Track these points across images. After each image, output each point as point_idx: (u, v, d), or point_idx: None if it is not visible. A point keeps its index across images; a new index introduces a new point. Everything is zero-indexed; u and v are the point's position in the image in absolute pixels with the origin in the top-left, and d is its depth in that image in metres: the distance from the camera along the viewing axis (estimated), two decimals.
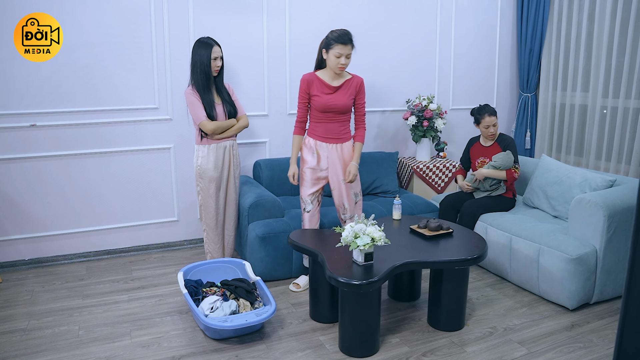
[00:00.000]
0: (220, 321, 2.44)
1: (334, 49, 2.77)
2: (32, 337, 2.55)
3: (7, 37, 3.12)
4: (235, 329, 2.48)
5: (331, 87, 2.89)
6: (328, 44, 2.79)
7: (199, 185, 3.14)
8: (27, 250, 3.44)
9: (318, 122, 2.95)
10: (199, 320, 2.49)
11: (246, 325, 2.43)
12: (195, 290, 2.76)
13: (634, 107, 3.85)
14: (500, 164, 3.36)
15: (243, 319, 2.46)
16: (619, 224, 2.76)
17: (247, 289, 2.73)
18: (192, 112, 3.03)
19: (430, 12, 4.30)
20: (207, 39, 3.02)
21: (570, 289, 2.75)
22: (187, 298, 2.62)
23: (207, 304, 2.59)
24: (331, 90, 2.89)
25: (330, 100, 2.89)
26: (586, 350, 2.44)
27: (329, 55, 2.80)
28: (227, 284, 2.79)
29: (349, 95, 2.92)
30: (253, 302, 2.69)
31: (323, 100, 2.89)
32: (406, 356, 2.39)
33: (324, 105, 2.89)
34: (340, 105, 2.90)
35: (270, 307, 2.56)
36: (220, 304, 2.60)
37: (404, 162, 4.23)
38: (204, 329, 2.57)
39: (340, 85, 2.91)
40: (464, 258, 2.48)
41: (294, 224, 3.17)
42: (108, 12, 3.32)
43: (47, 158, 3.36)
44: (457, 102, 4.59)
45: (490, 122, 3.41)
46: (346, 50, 2.77)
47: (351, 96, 2.92)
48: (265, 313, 2.51)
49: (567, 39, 4.36)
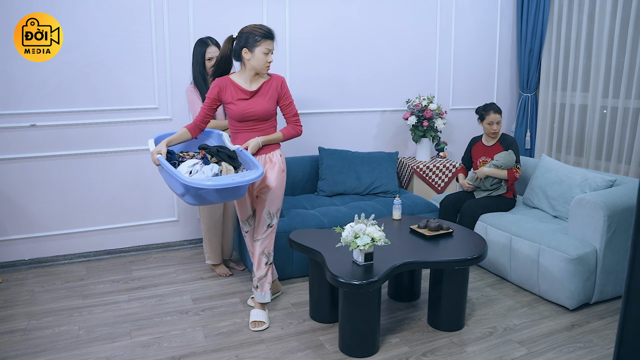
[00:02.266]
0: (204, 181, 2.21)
1: (261, 45, 2.43)
2: (32, 337, 2.55)
3: (7, 37, 3.12)
4: (219, 190, 2.25)
5: (247, 91, 2.52)
6: (252, 40, 2.42)
7: None
8: (27, 250, 3.44)
9: (237, 132, 2.60)
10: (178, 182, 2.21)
11: (233, 184, 2.21)
12: (170, 157, 2.45)
13: (634, 107, 3.85)
14: (502, 163, 3.37)
15: (229, 179, 2.26)
16: (619, 224, 2.76)
17: (228, 154, 2.48)
18: (191, 110, 3.04)
19: (430, 12, 4.30)
20: (205, 39, 3.02)
21: (570, 289, 2.75)
22: (161, 161, 2.32)
23: (185, 167, 2.30)
24: (247, 96, 2.52)
25: (248, 107, 2.51)
26: (586, 350, 2.44)
27: (255, 54, 2.44)
28: (207, 148, 2.51)
29: (270, 98, 2.55)
30: (236, 167, 2.47)
31: (239, 108, 2.51)
32: (406, 356, 2.39)
33: (241, 114, 2.51)
34: (260, 112, 2.53)
35: (257, 169, 2.35)
36: (200, 167, 2.34)
37: (404, 162, 4.23)
38: (182, 193, 2.29)
39: (258, 89, 2.54)
40: (464, 258, 2.48)
41: (294, 224, 3.17)
42: (108, 12, 3.32)
43: (47, 158, 3.36)
44: (457, 102, 4.59)
45: (494, 119, 3.41)
46: (273, 46, 2.48)
47: (272, 99, 2.56)
48: (253, 174, 2.30)
49: (567, 39, 4.36)
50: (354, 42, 4.07)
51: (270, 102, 2.55)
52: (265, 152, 2.60)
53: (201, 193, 2.25)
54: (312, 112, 4.04)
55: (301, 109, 4.00)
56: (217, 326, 2.66)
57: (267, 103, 2.54)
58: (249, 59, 2.47)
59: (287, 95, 2.62)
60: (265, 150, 2.60)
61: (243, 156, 2.51)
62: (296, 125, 2.67)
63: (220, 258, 3.32)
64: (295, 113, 2.66)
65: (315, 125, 4.07)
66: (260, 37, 2.42)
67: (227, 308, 2.86)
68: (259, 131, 2.58)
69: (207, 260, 3.31)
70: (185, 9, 3.51)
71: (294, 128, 2.67)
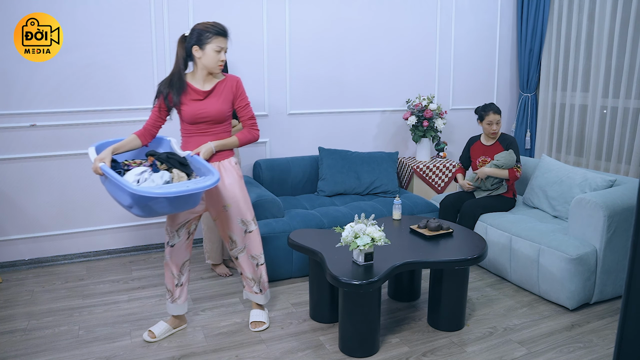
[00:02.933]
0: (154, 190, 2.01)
1: (212, 42, 2.30)
2: (32, 337, 2.55)
3: (7, 37, 3.12)
4: (171, 199, 2.05)
5: (201, 92, 2.36)
6: (204, 38, 2.30)
7: None
8: (26, 250, 3.44)
9: (189, 136, 2.43)
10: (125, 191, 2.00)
11: (187, 192, 2.02)
12: (114, 166, 2.24)
13: (634, 107, 3.85)
14: (502, 162, 3.37)
15: (183, 186, 2.07)
16: (619, 224, 2.76)
17: (179, 161, 2.29)
18: None
19: (430, 13, 4.30)
20: None
21: (570, 289, 2.75)
22: (104, 169, 2.11)
23: (132, 175, 2.12)
24: (201, 96, 2.36)
25: (200, 108, 2.35)
26: (586, 350, 2.44)
27: (206, 51, 2.31)
28: (156, 154, 2.31)
29: (224, 99, 2.39)
30: (189, 174, 2.28)
31: (191, 109, 2.35)
32: (406, 356, 2.39)
33: (193, 115, 2.36)
34: (213, 113, 2.37)
35: (213, 175, 2.17)
36: (149, 175, 2.16)
37: (404, 162, 4.23)
38: (130, 204, 2.08)
39: (212, 89, 2.38)
40: (464, 258, 2.48)
41: (294, 224, 3.17)
42: (108, 12, 3.32)
43: (47, 158, 3.36)
44: (457, 102, 4.59)
45: (494, 119, 3.41)
46: (226, 43, 2.35)
47: (227, 101, 2.40)
48: (209, 180, 2.12)
49: (567, 39, 4.36)
50: (354, 42, 4.07)
51: (224, 103, 2.39)
52: (218, 159, 2.42)
53: (151, 204, 2.05)
54: (312, 112, 4.04)
55: (301, 109, 4.01)
56: (217, 326, 2.66)
57: (221, 104, 2.38)
58: (200, 57, 2.33)
59: (243, 97, 2.46)
60: (217, 157, 2.42)
61: (195, 162, 2.33)
62: (252, 129, 2.49)
63: (220, 258, 3.33)
64: (251, 116, 2.48)
65: (315, 125, 4.07)
66: (211, 34, 2.30)
67: (227, 308, 2.86)
68: (211, 135, 2.41)
69: (207, 260, 3.31)
70: (185, 9, 3.51)
71: (250, 132, 2.48)
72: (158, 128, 2.43)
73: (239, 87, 2.44)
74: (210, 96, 2.38)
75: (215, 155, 2.41)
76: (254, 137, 2.50)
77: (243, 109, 2.47)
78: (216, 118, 2.39)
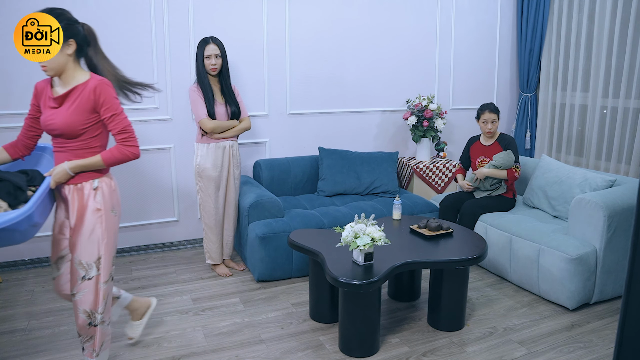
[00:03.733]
0: None
1: None
2: (32, 337, 2.55)
3: (7, 37, 3.12)
4: None
5: (55, 98, 1.91)
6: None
7: (198, 184, 3.15)
8: (27, 250, 3.44)
9: (54, 151, 2.00)
10: None
11: None
12: None
13: (634, 107, 3.85)
14: (501, 163, 3.37)
15: None
16: (619, 224, 2.76)
17: (18, 185, 1.90)
18: (193, 109, 3.05)
19: (430, 13, 4.30)
20: (206, 37, 3.04)
21: (570, 289, 2.75)
22: None
23: None
24: (55, 103, 1.91)
25: (48, 119, 1.90)
26: (586, 350, 2.44)
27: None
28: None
29: (75, 109, 1.88)
30: (16, 203, 1.88)
31: (42, 119, 1.94)
32: (406, 356, 2.39)
33: (43, 127, 1.95)
34: (60, 126, 1.88)
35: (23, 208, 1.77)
36: None
37: (404, 162, 4.23)
38: None
39: (67, 94, 1.90)
40: (464, 258, 2.48)
41: (294, 224, 3.17)
42: (108, 12, 3.32)
43: None
44: (457, 102, 4.59)
45: (489, 118, 3.41)
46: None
47: (79, 111, 1.88)
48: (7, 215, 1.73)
49: (567, 39, 4.36)
50: (354, 42, 4.08)
51: (74, 114, 1.88)
52: (74, 182, 1.95)
53: None
54: (312, 112, 4.04)
55: (301, 109, 4.00)
56: (217, 326, 2.66)
57: (70, 115, 1.87)
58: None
59: (108, 106, 1.91)
60: (74, 180, 1.95)
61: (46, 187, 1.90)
62: (125, 144, 1.96)
63: (220, 258, 3.33)
64: (122, 129, 1.95)
65: (315, 125, 4.07)
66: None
67: (227, 308, 2.86)
68: (68, 152, 1.94)
69: (207, 260, 3.31)
70: (185, 9, 3.51)
71: (119, 150, 1.95)
72: (33, 139, 2.06)
73: (98, 94, 1.89)
74: (64, 103, 1.90)
75: (74, 177, 1.96)
76: (126, 155, 1.97)
77: (109, 121, 1.94)
78: (65, 132, 1.90)
